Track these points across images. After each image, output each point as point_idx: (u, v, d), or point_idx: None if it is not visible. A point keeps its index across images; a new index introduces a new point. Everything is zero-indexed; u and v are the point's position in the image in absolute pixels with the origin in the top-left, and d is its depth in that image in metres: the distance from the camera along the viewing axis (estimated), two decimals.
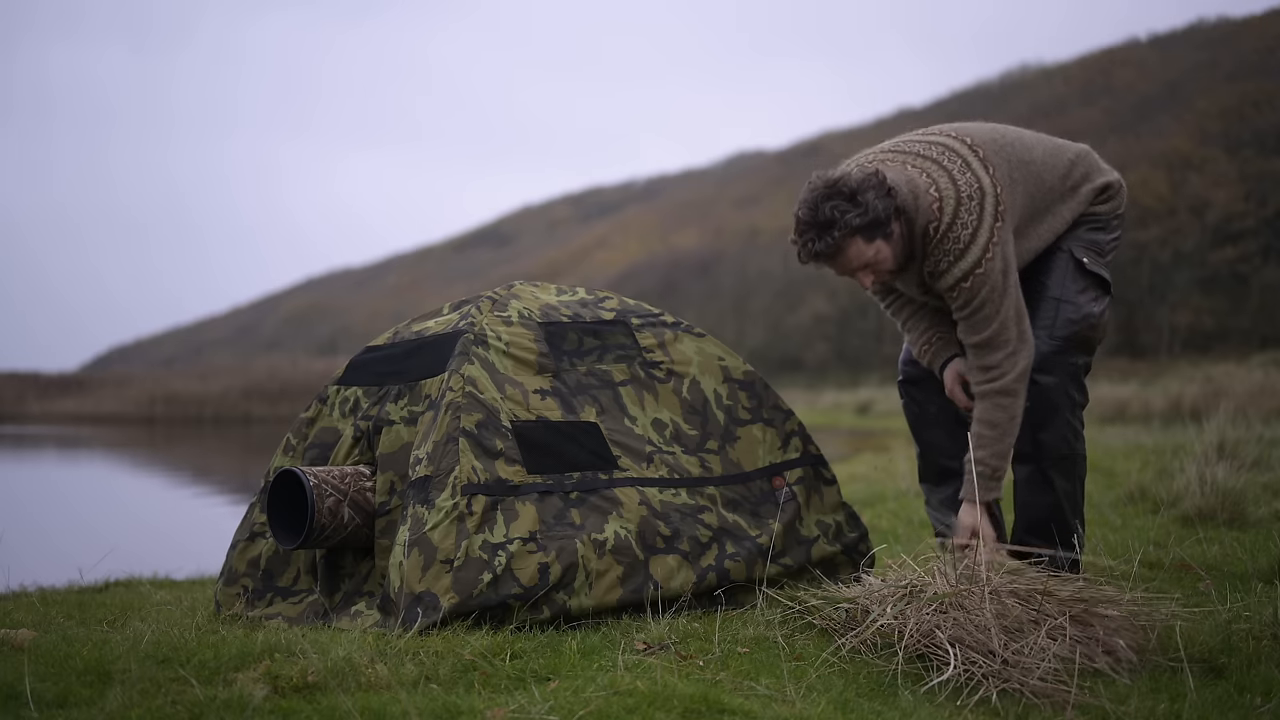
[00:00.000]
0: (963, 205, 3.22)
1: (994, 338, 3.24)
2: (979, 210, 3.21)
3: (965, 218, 3.21)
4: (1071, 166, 3.45)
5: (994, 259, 3.20)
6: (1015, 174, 3.31)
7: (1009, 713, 2.40)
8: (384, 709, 2.21)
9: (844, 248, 3.21)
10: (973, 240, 3.20)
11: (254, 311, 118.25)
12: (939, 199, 3.24)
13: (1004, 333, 3.24)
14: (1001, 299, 3.22)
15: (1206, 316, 35.75)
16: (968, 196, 3.23)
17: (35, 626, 3.01)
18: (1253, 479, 5.19)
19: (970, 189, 3.23)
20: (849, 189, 3.17)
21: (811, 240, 3.20)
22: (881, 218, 3.19)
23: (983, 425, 3.27)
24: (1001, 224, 3.22)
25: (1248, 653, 2.66)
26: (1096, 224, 3.45)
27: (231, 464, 17.33)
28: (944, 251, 3.22)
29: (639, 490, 3.19)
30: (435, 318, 3.55)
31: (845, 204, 3.16)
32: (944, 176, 3.25)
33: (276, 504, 3.28)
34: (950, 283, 3.24)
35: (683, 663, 2.64)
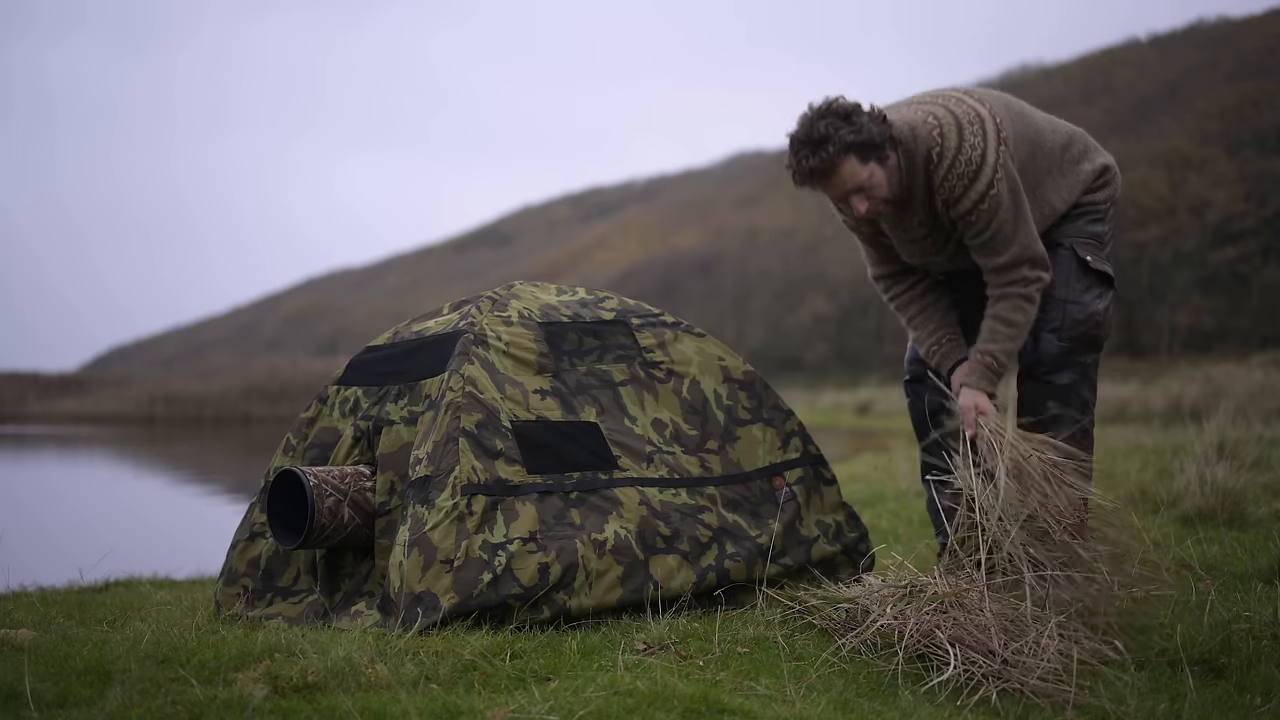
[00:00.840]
0: (964, 129, 3.24)
1: (1016, 258, 3.28)
2: (981, 133, 3.24)
3: (971, 139, 3.23)
4: (1070, 140, 3.48)
5: (1003, 179, 3.23)
6: (1016, 123, 3.33)
7: (1009, 713, 2.40)
8: (384, 709, 2.21)
9: (837, 165, 3.20)
10: (983, 161, 3.22)
11: (254, 311, 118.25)
12: (937, 125, 3.26)
13: (1025, 251, 3.28)
14: (1016, 219, 3.26)
15: (1206, 316, 35.74)
16: (968, 121, 3.25)
17: (35, 626, 3.01)
18: (1253, 479, 5.19)
19: (968, 116, 3.27)
20: (843, 109, 3.20)
21: (805, 157, 3.19)
22: (876, 140, 3.20)
23: (999, 322, 3.31)
24: (1005, 148, 3.24)
25: (1248, 653, 2.66)
26: (1095, 215, 3.46)
27: (231, 464, 17.33)
28: (956, 176, 3.23)
29: (639, 490, 3.19)
30: (435, 318, 3.55)
31: (840, 122, 3.18)
32: (939, 109, 3.29)
33: (276, 504, 3.28)
34: (967, 207, 3.25)
35: (683, 663, 2.64)
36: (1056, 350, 3.37)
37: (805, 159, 3.20)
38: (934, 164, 3.26)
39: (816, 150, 3.18)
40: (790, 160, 3.23)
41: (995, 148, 3.23)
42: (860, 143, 3.18)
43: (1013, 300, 3.31)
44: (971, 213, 3.25)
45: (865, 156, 3.20)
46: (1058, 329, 3.38)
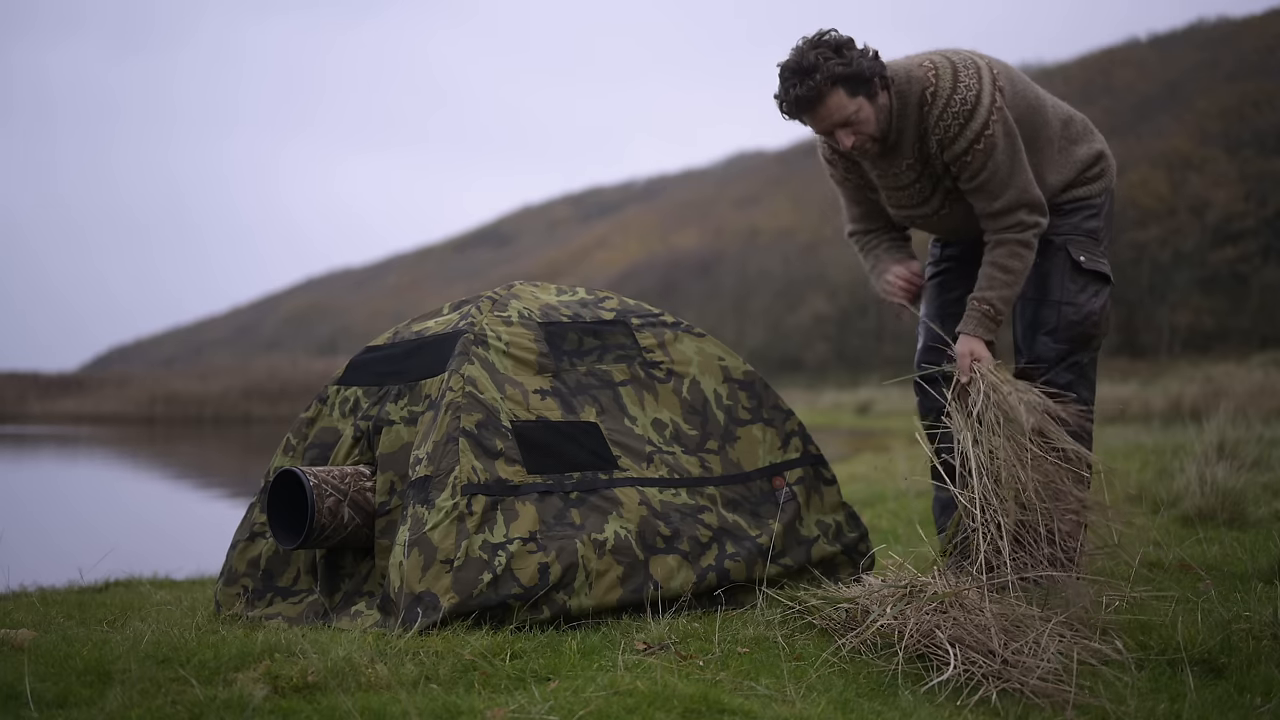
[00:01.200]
0: (960, 72, 3.26)
1: (1013, 202, 3.27)
2: (977, 77, 3.25)
3: (966, 81, 3.24)
4: (1071, 119, 3.48)
5: (999, 122, 3.22)
6: (1016, 84, 3.33)
7: (1009, 713, 2.40)
8: (384, 709, 2.21)
9: (824, 95, 3.19)
10: (977, 102, 3.22)
11: (254, 311, 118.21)
12: (932, 68, 3.28)
13: (1022, 195, 3.27)
14: (1013, 163, 3.25)
15: (1206, 316, 35.73)
16: (963, 66, 3.27)
17: (35, 626, 3.01)
18: (1253, 479, 5.19)
19: (964, 61, 3.28)
20: (836, 42, 3.21)
21: (793, 85, 3.19)
22: (866, 74, 3.20)
23: (996, 269, 3.30)
24: (1000, 95, 3.24)
25: (1248, 653, 2.66)
26: (1090, 210, 3.45)
27: (231, 464, 17.32)
28: (951, 116, 3.23)
29: (639, 490, 3.19)
30: (435, 318, 3.55)
31: (830, 53, 3.18)
32: (936, 56, 3.32)
33: (276, 504, 3.28)
34: (963, 147, 3.24)
35: (683, 663, 2.64)
36: (1053, 352, 3.37)
37: (792, 87, 3.20)
38: (927, 104, 3.26)
39: (804, 79, 3.18)
40: (779, 90, 3.23)
41: (990, 92, 3.23)
42: (849, 75, 3.18)
43: (1009, 246, 3.30)
44: (967, 153, 3.24)
45: (854, 90, 3.20)
46: (1053, 330, 3.38)
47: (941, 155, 3.29)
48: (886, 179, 3.44)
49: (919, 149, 3.33)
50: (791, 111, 3.25)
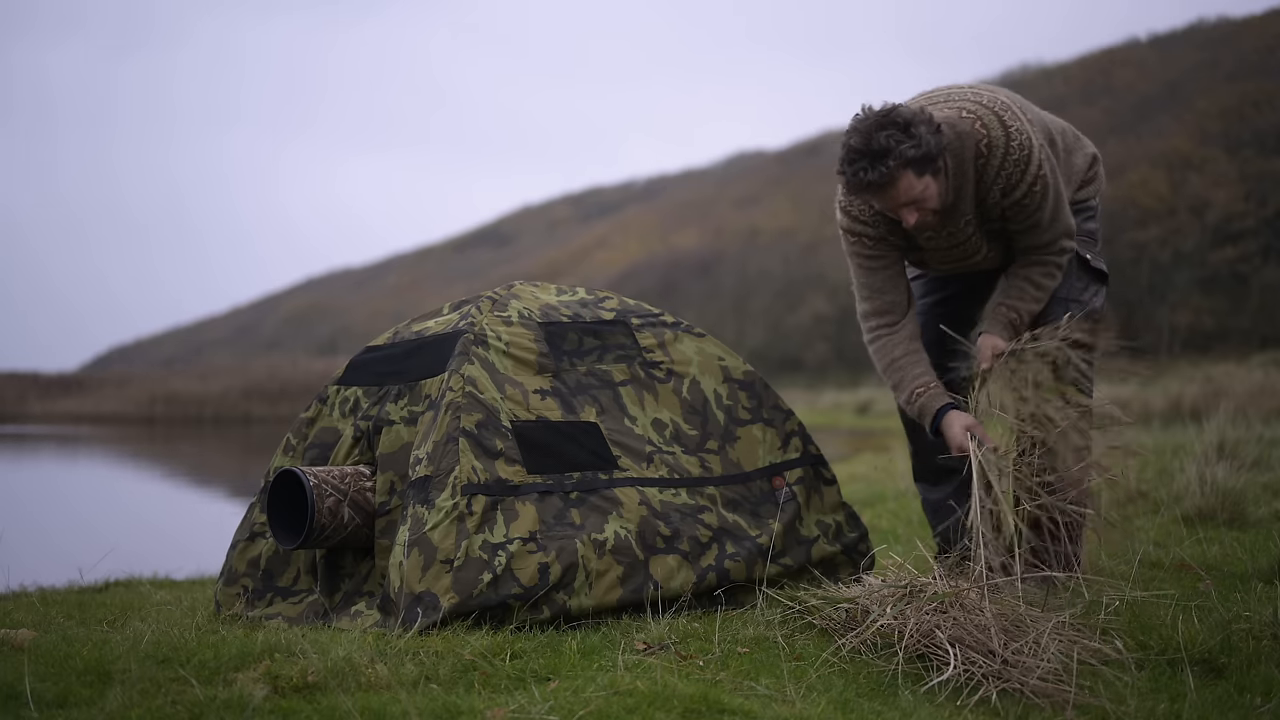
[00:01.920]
0: (1005, 119, 3.24)
1: (1060, 232, 3.36)
2: (1018, 119, 3.26)
3: (1014, 126, 3.24)
4: (1064, 129, 3.53)
5: (1047, 159, 3.29)
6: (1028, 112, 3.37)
7: (1009, 713, 2.40)
8: (384, 709, 2.21)
9: (896, 179, 3.14)
10: (1030, 145, 3.26)
11: (254, 311, 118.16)
12: (978, 119, 3.25)
13: (1067, 224, 3.36)
14: (1059, 196, 3.32)
15: (1206, 316, 35.72)
16: (1003, 109, 3.25)
17: (35, 626, 3.01)
18: (1253, 479, 5.19)
19: (999, 105, 3.27)
20: (903, 120, 3.14)
21: (864, 170, 3.13)
22: (933, 152, 3.16)
23: (1029, 284, 3.38)
24: (1035, 129, 3.30)
25: (1248, 653, 2.66)
26: (1088, 212, 3.52)
27: (231, 464, 17.32)
28: (1012, 164, 3.24)
29: (639, 490, 3.19)
30: (435, 318, 3.55)
31: (900, 134, 3.12)
32: (971, 104, 3.28)
33: (276, 504, 3.28)
34: (1024, 192, 3.27)
35: (683, 663, 2.64)
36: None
37: (863, 171, 3.13)
38: (983, 157, 3.25)
39: (875, 164, 3.11)
40: (845, 169, 3.17)
41: (1031, 131, 3.27)
42: (919, 157, 3.12)
43: (1047, 267, 3.38)
44: (1026, 197, 3.27)
45: (922, 170, 3.15)
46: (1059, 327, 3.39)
47: (1002, 202, 3.31)
48: (938, 239, 3.40)
49: (978, 200, 3.33)
50: (860, 192, 3.21)
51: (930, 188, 3.19)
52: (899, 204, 3.19)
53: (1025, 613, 2.73)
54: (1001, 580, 2.90)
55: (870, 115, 3.16)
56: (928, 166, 3.15)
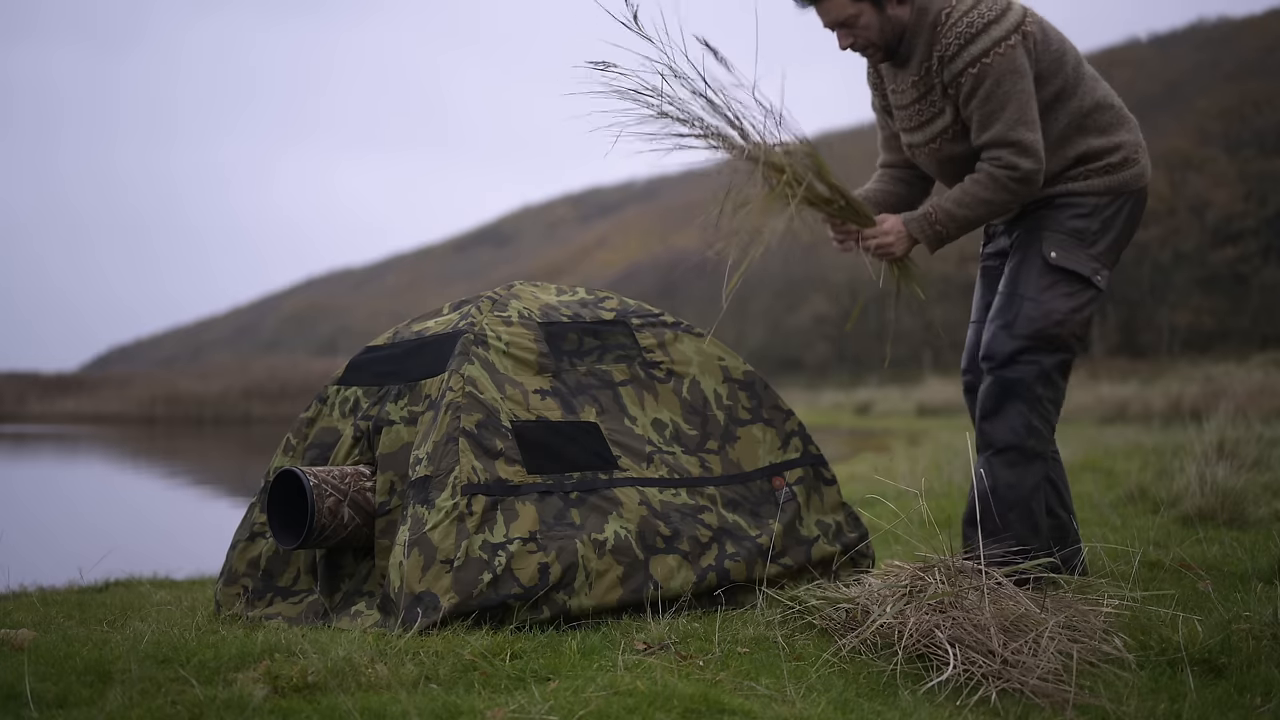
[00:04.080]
0: (983, 1, 3.24)
1: (998, 137, 3.23)
2: (1001, 11, 3.23)
3: (985, 9, 3.23)
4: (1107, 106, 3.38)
5: (1004, 56, 3.20)
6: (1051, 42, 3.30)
7: (1009, 713, 2.40)
8: (384, 709, 2.21)
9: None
10: (985, 29, 3.21)
11: (254, 311, 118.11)
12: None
13: (1009, 132, 3.22)
14: (1008, 100, 3.21)
15: (1206, 316, 35.73)
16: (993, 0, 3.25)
17: (35, 626, 3.01)
18: (1253, 479, 5.19)
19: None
20: None
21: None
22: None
23: (959, 188, 3.30)
24: (1021, 39, 3.22)
25: (1248, 653, 2.66)
26: (1078, 209, 3.34)
27: (231, 464, 17.32)
28: (955, 34, 3.23)
29: (639, 490, 3.19)
30: (435, 318, 3.55)
31: None
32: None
33: (276, 504, 3.28)
34: (958, 68, 3.23)
35: (683, 663, 2.64)
36: (1008, 348, 3.28)
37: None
38: (941, 23, 3.26)
39: None
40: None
41: (1008, 27, 3.22)
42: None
43: (982, 175, 3.26)
44: (962, 74, 3.23)
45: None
46: (1009, 324, 3.29)
47: (941, 74, 3.28)
48: (895, 95, 3.45)
49: (924, 66, 3.32)
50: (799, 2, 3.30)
51: (867, 15, 3.27)
52: (831, 21, 3.30)
53: (1025, 612, 2.73)
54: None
55: None
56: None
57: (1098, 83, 3.40)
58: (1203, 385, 18.21)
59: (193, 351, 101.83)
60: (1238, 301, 35.55)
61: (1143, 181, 3.39)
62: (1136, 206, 3.40)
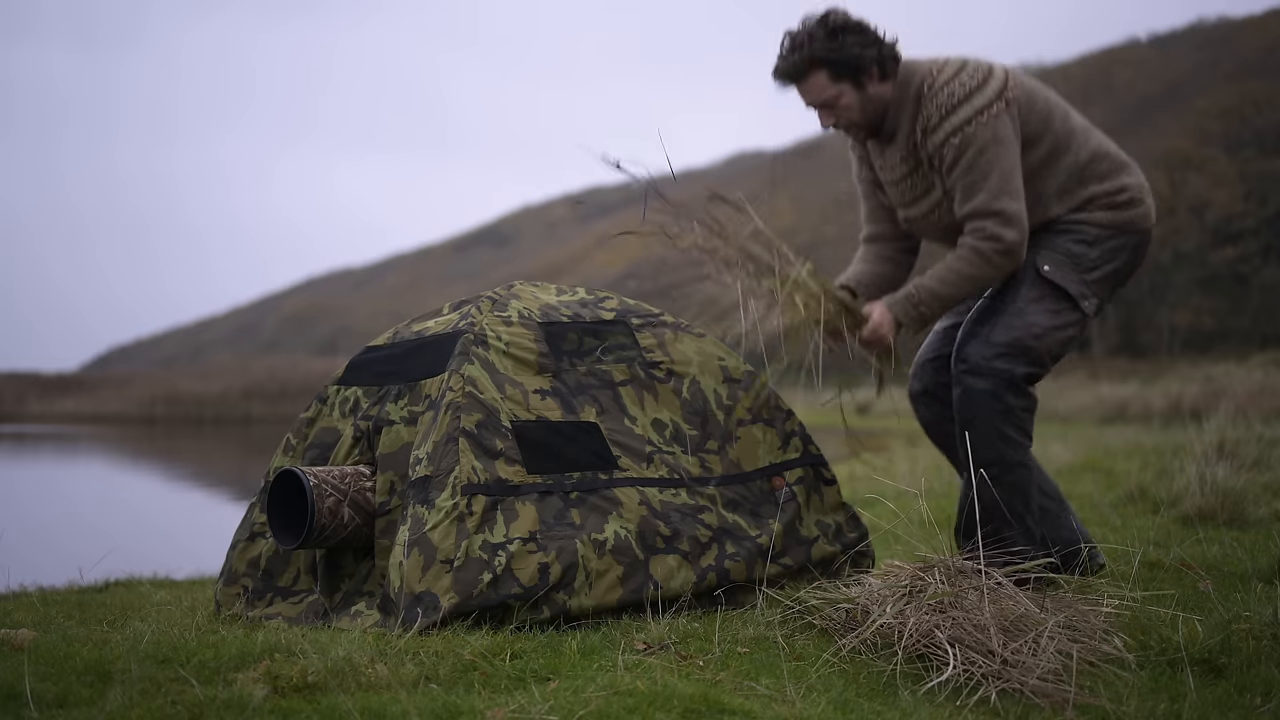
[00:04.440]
0: (966, 68, 3.23)
1: (982, 207, 3.18)
2: (983, 80, 3.21)
3: (966, 79, 3.21)
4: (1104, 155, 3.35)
5: (987, 124, 3.16)
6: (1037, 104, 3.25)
7: (1009, 713, 2.40)
8: (384, 709, 2.21)
9: (805, 74, 3.24)
10: (967, 98, 3.18)
11: (254, 311, 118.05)
12: (943, 63, 3.26)
13: (993, 202, 3.17)
14: (992, 169, 3.16)
15: (1206, 316, 35.72)
16: (974, 68, 3.24)
17: (35, 626, 3.01)
18: (1253, 479, 5.19)
19: (977, 64, 3.25)
20: (835, 24, 3.21)
21: (781, 56, 3.25)
22: (854, 61, 3.20)
23: (943, 265, 3.24)
24: (1004, 105, 3.18)
25: (1248, 653, 2.66)
26: (1079, 235, 3.31)
27: (231, 464, 17.33)
28: (937, 105, 3.20)
29: (639, 490, 3.19)
30: (435, 318, 3.55)
31: (823, 34, 3.20)
32: (955, 56, 3.28)
33: (276, 504, 3.28)
34: (940, 138, 3.20)
35: (683, 663, 2.64)
36: (982, 352, 3.26)
37: (780, 58, 3.25)
38: (923, 95, 3.24)
39: (789, 54, 3.23)
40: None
41: (991, 95, 3.18)
42: (835, 60, 3.19)
43: (965, 250, 3.21)
44: (944, 145, 3.20)
45: (838, 74, 3.21)
46: (986, 334, 3.28)
47: (925, 145, 3.25)
48: (884, 172, 3.43)
49: (910, 140, 3.30)
50: (776, 79, 3.28)
51: (847, 96, 3.24)
52: (812, 102, 3.28)
53: (1025, 612, 2.73)
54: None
55: (813, 13, 3.24)
56: (845, 72, 3.21)
57: (1090, 133, 3.37)
58: (1203, 385, 18.22)
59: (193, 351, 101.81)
60: (1238, 301, 35.55)
61: (1147, 223, 3.37)
62: (1139, 247, 3.37)
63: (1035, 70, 65.90)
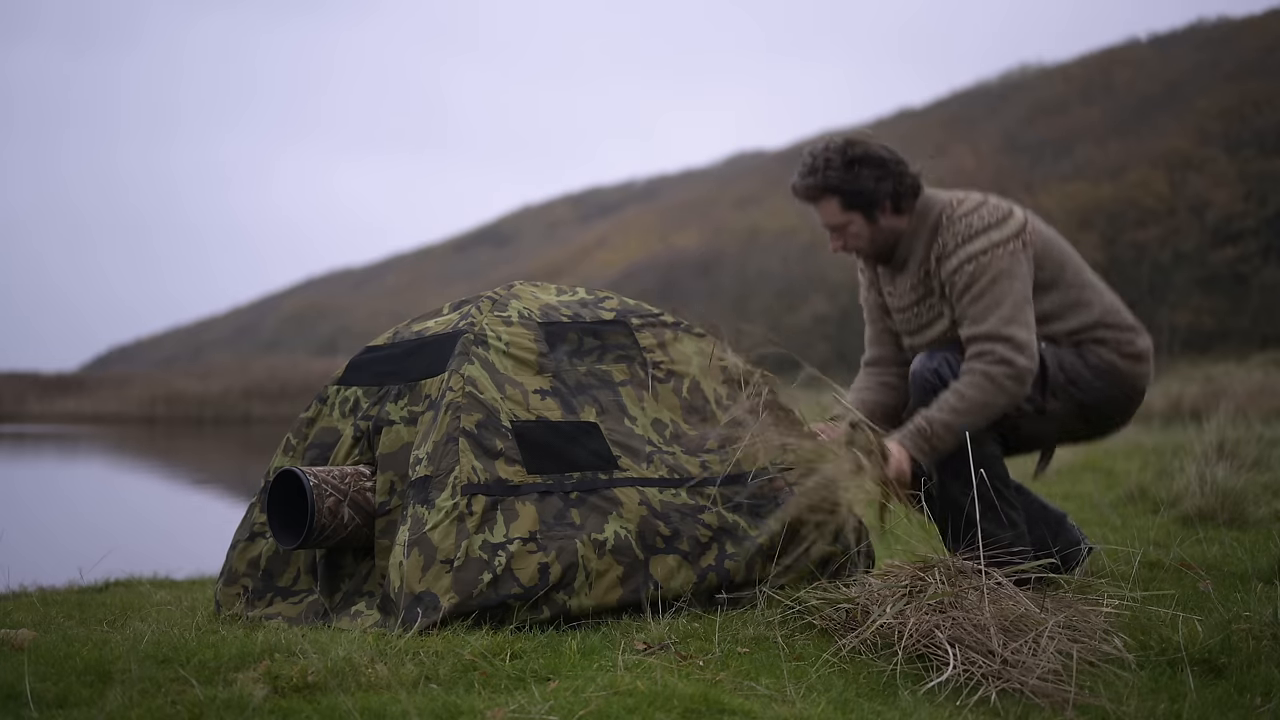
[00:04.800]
0: (986, 204, 3.24)
1: (992, 331, 3.14)
2: (1002, 217, 3.21)
3: (986, 214, 3.22)
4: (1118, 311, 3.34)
5: (1003, 257, 3.15)
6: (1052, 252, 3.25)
7: (1009, 713, 2.40)
8: (384, 709, 2.21)
9: (817, 199, 3.30)
10: (984, 230, 3.18)
11: (254, 311, 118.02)
12: (963, 197, 3.27)
13: (1005, 326, 3.13)
14: (1004, 297, 3.14)
15: (1206, 316, 35.72)
16: (995, 205, 3.25)
17: (35, 626, 3.01)
18: (1253, 479, 5.19)
19: (999, 203, 3.26)
20: (853, 155, 3.24)
21: (799, 175, 3.31)
22: (866, 194, 3.23)
23: (951, 392, 3.14)
24: (1020, 245, 3.17)
25: (1248, 653, 2.66)
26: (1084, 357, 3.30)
27: (231, 464, 17.32)
28: (954, 233, 3.21)
29: (639, 490, 3.19)
30: (435, 318, 3.55)
31: (840, 164, 3.24)
32: (977, 192, 3.30)
33: (276, 504, 3.28)
34: (953, 264, 3.20)
35: (683, 663, 2.64)
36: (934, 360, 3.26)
37: (799, 176, 3.32)
38: (941, 226, 3.25)
39: (805, 178, 3.30)
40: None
41: (1009, 234, 3.19)
42: (847, 190, 3.25)
43: (974, 375, 3.12)
44: (956, 271, 3.19)
45: (850, 204, 3.26)
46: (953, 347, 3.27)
47: (939, 272, 3.26)
48: (893, 298, 3.45)
49: (923, 269, 3.31)
50: (794, 195, 3.35)
51: (857, 224, 3.29)
52: (823, 223, 3.33)
53: (1025, 612, 2.73)
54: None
55: (837, 137, 3.28)
56: (857, 204, 3.26)
57: (1104, 293, 3.35)
58: (1203, 385, 18.23)
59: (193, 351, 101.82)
60: (1238, 301, 35.55)
61: (1143, 383, 3.34)
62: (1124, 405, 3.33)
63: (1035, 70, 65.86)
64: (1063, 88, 56.04)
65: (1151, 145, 42.12)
